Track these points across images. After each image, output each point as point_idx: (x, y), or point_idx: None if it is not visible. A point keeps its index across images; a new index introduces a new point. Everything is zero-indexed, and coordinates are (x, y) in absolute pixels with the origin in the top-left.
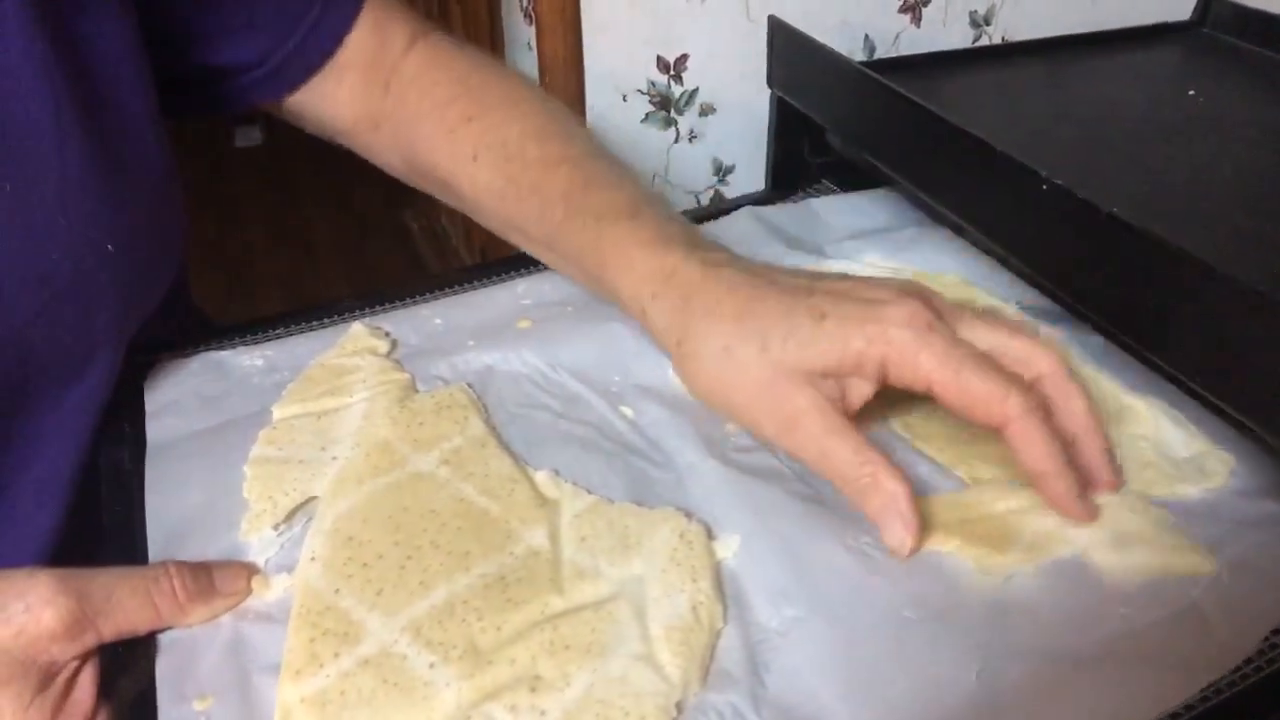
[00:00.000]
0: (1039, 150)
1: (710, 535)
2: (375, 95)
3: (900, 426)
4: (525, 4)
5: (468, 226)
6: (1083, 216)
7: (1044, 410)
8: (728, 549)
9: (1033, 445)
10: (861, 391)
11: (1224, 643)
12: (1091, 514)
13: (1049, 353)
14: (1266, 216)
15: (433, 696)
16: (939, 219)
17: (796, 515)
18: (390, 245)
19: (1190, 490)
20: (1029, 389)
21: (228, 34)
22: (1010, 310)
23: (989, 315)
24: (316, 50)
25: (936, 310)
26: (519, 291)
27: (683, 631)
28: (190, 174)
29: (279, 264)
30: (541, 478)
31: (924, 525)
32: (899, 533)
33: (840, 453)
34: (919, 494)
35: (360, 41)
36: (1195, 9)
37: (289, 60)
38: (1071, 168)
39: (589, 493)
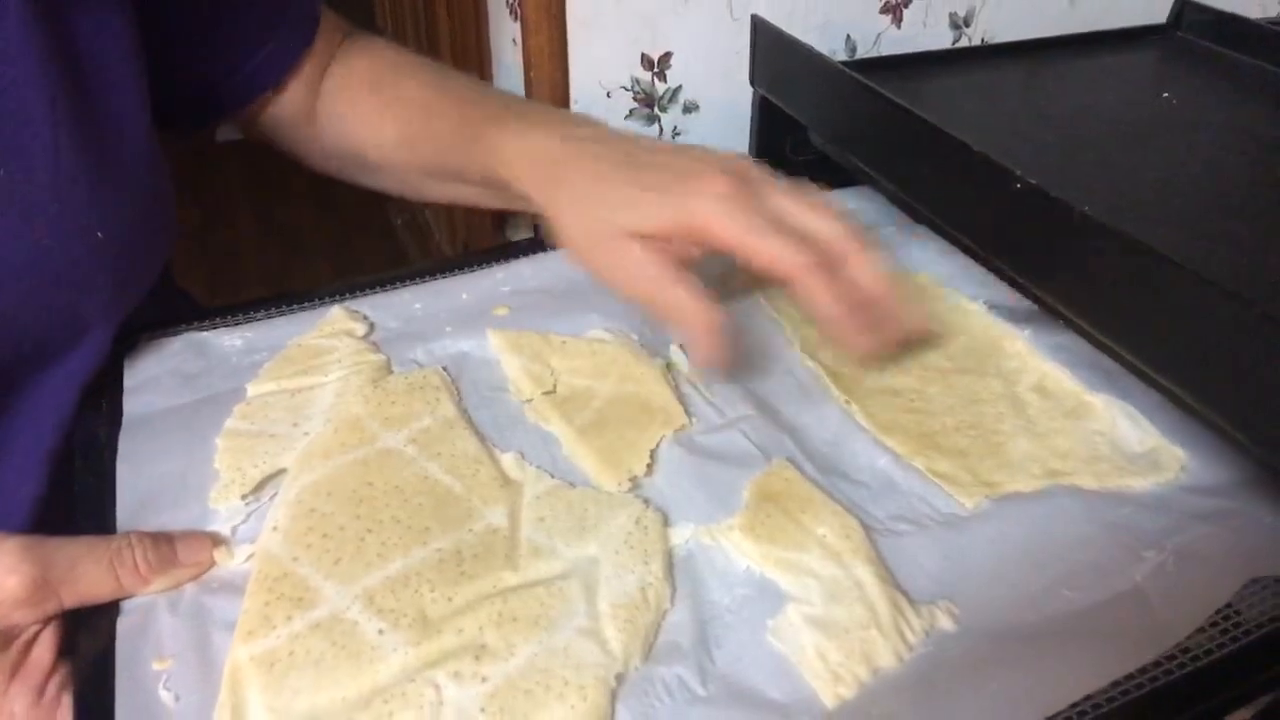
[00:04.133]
0: (1016, 150)
1: (666, 522)
2: (314, 90)
3: (863, 417)
4: (511, 0)
5: (450, 220)
6: (1055, 215)
7: (827, 267)
8: (681, 535)
9: (815, 294)
10: (688, 250)
11: (1164, 624)
12: (870, 346)
13: (836, 222)
14: (1236, 216)
15: (378, 660)
16: (915, 217)
17: None
18: (374, 239)
19: (1142, 483)
20: (815, 249)
21: (216, 40)
22: (978, 309)
23: (795, 190)
24: (283, 62)
25: (749, 183)
26: (498, 278)
27: (629, 609)
28: (173, 168)
29: (263, 259)
30: (508, 460)
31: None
32: (702, 351)
33: (664, 293)
34: (879, 489)
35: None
36: (1171, 12)
37: (261, 68)
38: (1047, 168)
39: (552, 476)
